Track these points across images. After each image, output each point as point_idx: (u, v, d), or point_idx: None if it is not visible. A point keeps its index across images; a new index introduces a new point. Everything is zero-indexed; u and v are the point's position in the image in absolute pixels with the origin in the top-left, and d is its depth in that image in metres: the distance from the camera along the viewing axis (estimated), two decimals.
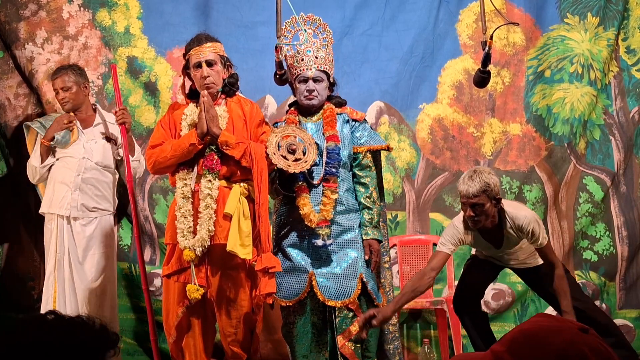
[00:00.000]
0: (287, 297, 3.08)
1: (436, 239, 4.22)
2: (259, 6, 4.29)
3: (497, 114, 4.37)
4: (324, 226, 3.03)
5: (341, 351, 3.03)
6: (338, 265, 3.05)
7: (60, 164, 3.74)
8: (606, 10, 4.32)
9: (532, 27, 4.38)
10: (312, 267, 3.07)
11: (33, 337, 1.24)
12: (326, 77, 3.18)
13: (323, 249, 3.05)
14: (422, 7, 4.35)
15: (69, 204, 3.67)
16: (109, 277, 3.77)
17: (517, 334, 1.28)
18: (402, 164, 4.35)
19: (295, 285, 3.07)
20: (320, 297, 3.02)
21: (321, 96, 3.18)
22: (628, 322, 4.25)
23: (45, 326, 1.28)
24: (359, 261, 3.06)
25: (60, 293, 3.65)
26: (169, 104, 4.19)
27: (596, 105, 4.32)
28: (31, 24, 4.27)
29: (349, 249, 3.07)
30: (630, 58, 4.37)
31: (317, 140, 3.14)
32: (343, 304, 3.00)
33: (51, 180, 3.76)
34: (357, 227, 3.12)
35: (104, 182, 3.78)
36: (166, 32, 4.33)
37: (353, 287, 3.01)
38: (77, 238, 3.69)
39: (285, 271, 3.09)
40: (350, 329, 3.03)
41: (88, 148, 3.74)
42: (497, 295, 4.25)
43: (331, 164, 3.08)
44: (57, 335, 1.26)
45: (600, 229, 4.31)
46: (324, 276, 3.03)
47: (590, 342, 1.22)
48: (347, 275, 3.03)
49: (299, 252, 3.10)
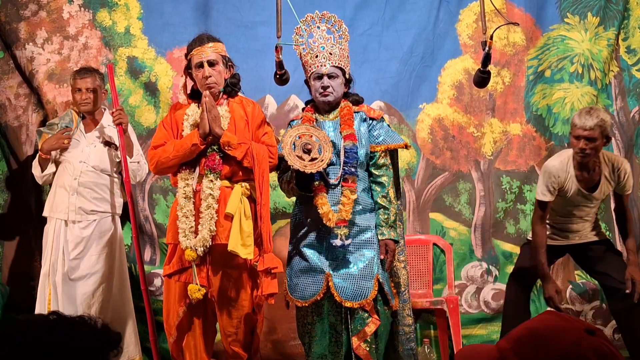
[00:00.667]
0: (303, 297, 3.04)
1: (436, 239, 4.24)
2: (259, 6, 4.28)
3: (497, 114, 4.37)
4: (342, 226, 2.99)
5: (356, 352, 3.01)
6: (355, 265, 3.02)
7: (61, 168, 3.77)
8: (606, 10, 4.32)
9: (532, 27, 4.38)
10: (328, 268, 3.03)
11: (35, 337, 1.24)
12: (341, 73, 3.14)
13: (340, 250, 3.02)
14: (422, 7, 4.35)
15: (68, 208, 3.70)
16: (104, 278, 3.76)
17: (523, 331, 1.25)
18: (402, 164, 4.33)
19: (311, 286, 3.03)
20: (337, 298, 2.98)
21: (337, 92, 3.14)
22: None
23: (47, 326, 1.28)
24: (375, 261, 3.03)
25: (54, 296, 3.65)
26: (170, 104, 4.23)
27: (596, 106, 4.32)
28: (31, 24, 4.27)
29: (366, 249, 3.05)
30: (631, 58, 4.37)
31: (334, 139, 3.11)
32: (360, 304, 2.97)
33: (54, 184, 3.79)
34: (373, 227, 3.09)
35: (102, 184, 3.79)
36: (166, 32, 4.32)
37: (370, 287, 2.99)
38: (74, 240, 3.71)
39: (302, 271, 3.07)
40: (365, 329, 3.01)
41: (86, 152, 3.76)
42: (497, 296, 4.25)
43: (350, 164, 3.04)
44: (59, 335, 1.26)
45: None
46: (341, 277, 3.00)
47: (596, 345, 1.18)
48: (363, 275, 3.00)
49: (315, 253, 3.07)
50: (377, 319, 3.03)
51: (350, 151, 3.05)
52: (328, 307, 3.05)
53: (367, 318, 3.02)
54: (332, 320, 3.07)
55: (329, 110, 3.20)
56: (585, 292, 4.28)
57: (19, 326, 1.28)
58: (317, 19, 3.14)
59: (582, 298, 4.28)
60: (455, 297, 3.98)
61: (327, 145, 3.01)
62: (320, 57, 3.09)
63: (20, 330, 1.27)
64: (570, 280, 4.31)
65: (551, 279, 3.47)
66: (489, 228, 4.31)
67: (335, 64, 3.11)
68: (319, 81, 3.11)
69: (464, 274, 4.30)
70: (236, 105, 3.21)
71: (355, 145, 3.07)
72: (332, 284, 2.99)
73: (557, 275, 4.28)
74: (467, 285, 4.29)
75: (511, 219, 4.33)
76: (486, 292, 4.29)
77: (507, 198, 4.33)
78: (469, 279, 4.30)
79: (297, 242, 3.13)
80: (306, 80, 3.22)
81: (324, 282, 3.01)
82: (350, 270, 3.00)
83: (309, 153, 2.97)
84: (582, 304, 4.26)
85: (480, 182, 4.33)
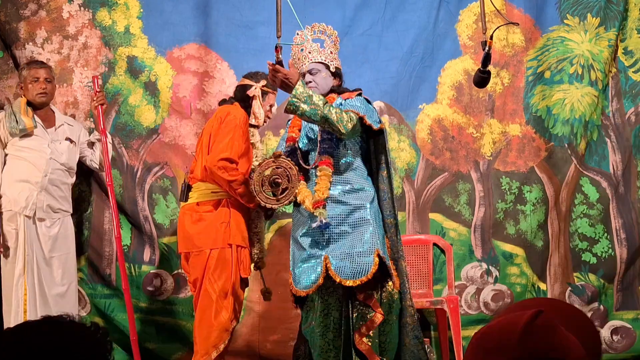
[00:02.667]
0: (306, 286, 3.02)
1: (436, 239, 4.23)
2: (259, 6, 4.28)
3: (497, 114, 4.37)
4: (320, 207, 2.98)
5: (358, 347, 2.99)
6: (352, 244, 3.00)
7: (20, 161, 3.76)
8: (607, 10, 4.32)
9: (531, 27, 4.38)
10: (325, 251, 3.02)
11: (58, 341, 1.23)
12: (324, 67, 3.17)
13: (335, 232, 3.00)
14: (422, 7, 4.35)
15: (34, 204, 3.69)
16: (72, 277, 3.84)
17: (473, 341, 1.23)
18: (401, 164, 4.34)
19: (312, 272, 3.02)
20: (336, 279, 2.95)
21: (320, 86, 3.15)
22: (625, 323, 4.25)
23: (65, 330, 1.26)
24: (375, 237, 3.01)
25: (31, 296, 3.65)
26: (169, 104, 4.24)
27: (597, 106, 4.32)
28: (31, 24, 4.26)
29: (362, 226, 3.03)
30: (628, 59, 4.37)
31: (313, 126, 3.13)
32: (361, 281, 2.93)
33: (8, 176, 3.76)
34: (368, 204, 3.07)
35: (67, 183, 3.87)
36: (166, 31, 4.32)
37: (370, 263, 2.95)
38: (43, 239, 3.73)
39: (302, 261, 3.06)
40: (368, 324, 3.00)
41: (54, 149, 3.78)
42: (496, 296, 4.25)
43: (323, 143, 3.06)
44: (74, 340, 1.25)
45: (599, 231, 4.31)
46: (338, 257, 2.98)
47: (544, 322, 1.15)
48: (362, 252, 2.97)
49: (312, 240, 3.06)
50: (380, 313, 3.01)
51: (324, 132, 3.06)
52: (331, 302, 3.04)
53: (370, 313, 3.00)
54: (335, 315, 3.05)
55: None
56: (584, 294, 4.28)
57: (34, 330, 1.27)
58: (308, 34, 3.17)
59: (582, 300, 4.27)
60: (455, 297, 3.97)
61: (293, 171, 3.01)
62: (302, 58, 3.16)
63: (21, 334, 1.25)
64: (569, 282, 4.31)
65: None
66: (488, 229, 4.31)
67: (315, 59, 3.15)
68: (303, 79, 3.13)
69: (463, 274, 4.29)
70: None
71: None
72: (330, 265, 2.97)
73: (556, 277, 4.28)
74: (467, 285, 4.29)
75: (511, 219, 4.32)
76: (486, 293, 4.29)
77: (506, 199, 4.33)
78: (469, 279, 4.29)
79: (294, 233, 3.14)
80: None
81: (323, 265, 2.99)
82: (348, 250, 2.99)
83: (279, 185, 2.99)
84: (582, 306, 4.25)
85: (479, 183, 4.33)
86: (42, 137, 3.80)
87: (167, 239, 4.28)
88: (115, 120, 4.29)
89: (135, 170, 4.30)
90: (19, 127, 3.71)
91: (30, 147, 3.76)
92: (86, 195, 4.28)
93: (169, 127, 4.32)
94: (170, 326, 4.25)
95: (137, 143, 4.30)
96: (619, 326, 4.23)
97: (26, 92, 3.86)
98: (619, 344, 4.23)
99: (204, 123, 4.30)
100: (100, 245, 4.27)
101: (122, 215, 4.18)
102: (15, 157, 3.78)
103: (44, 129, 3.83)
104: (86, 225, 4.26)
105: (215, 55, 4.33)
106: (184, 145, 4.31)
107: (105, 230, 4.28)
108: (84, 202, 4.27)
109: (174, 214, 4.27)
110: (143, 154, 4.30)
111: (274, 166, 3.05)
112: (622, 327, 4.23)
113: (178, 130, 4.32)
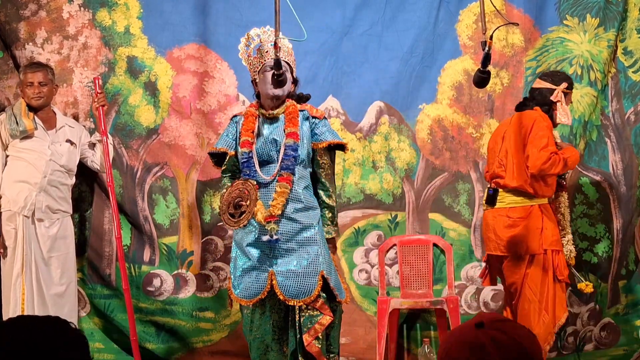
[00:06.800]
0: (247, 296, 3.06)
1: (436, 239, 4.24)
2: (259, 6, 4.27)
3: (496, 114, 4.37)
4: (272, 222, 2.98)
5: (308, 349, 3.01)
6: (298, 263, 3.02)
7: (19, 162, 3.78)
8: (606, 11, 4.32)
9: (531, 28, 4.38)
10: (272, 266, 3.04)
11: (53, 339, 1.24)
12: (289, 69, 3.15)
13: (283, 247, 3.02)
14: (422, 7, 4.35)
15: (33, 205, 3.71)
16: (71, 277, 3.86)
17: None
18: (401, 164, 4.35)
19: (255, 284, 3.05)
20: (280, 297, 3.00)
21: (287, 85, 3.13)
22: (610, 319, 4.27)
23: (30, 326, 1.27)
24: (320, 257, 3.03)
25: (29, 296, 3.66)
26: (169, 104, 4.24)
27: (596, 107, 4.32)
28: (31, 24, 4.26)
29: (309, 246, 3.05)
30: (627, 59, 4.37)
31: (276, 136, 3.11)
32: (304, 302, 2.99)
33: (7, 177, 3.78)
34: (316, 224, 3.10)
35: (66, 184, 3.90)
36: (166, 31, 4.32)
37: (314, 284, 2.99)
38: (42, 239, 3.76)
39: (245, 270, 3.08)
40: (316, 327, 3.02)
41: (54, 150, 3.80)
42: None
43: (287, 159, 3.05)
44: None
45: (600, 231, 4.32)
46: (284, 275, 3.01)
47: (491, 335, 1.28)
48: (307, 273, 3.00)
49: (259, 252, 3.07)
50: (329, 315, 3.05)
51: (289, 148, 3.06)
52: (270, 305, 3.08)
53: (318, 316, 3.03)
54: (275, 318, 3.10)
55: (273, 107, 3.18)
56: (582, 295, 4.27)
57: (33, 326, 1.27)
58: (263, 35, 3.16)
59: (580, 300, 4.28)
60: (455, 297, 3.98)
61: (253, 195, 3.00)
62: (271, 52, 3.06)
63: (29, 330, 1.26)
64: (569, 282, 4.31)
65: None
66: None
67: (285, 58, 3.11)
68: (269, 72, 3.06)
69: (463, 274, 4.29)
70: None
71: (297, 143, 3.08)
72: (276, 282, 3.00)
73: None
74: (466, 285, 4.29)
75: None
76: (486, 293, 4.29)
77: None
78: (469, 279, 4.29)
79: (241, 241, 3.12)
80: (252, 80, 3.22)
81: (268, 280, 3.02)
82: (294, 268, 3.01)
83: (241, 207, 3.00)
84: (580, 306, 4.27)
85: (479, 183, 4.33)
86: (43, 139, 3.82)
87: (167, 239, 4.28)
88: (115, 121, 4.29)
89: (135, 170, 4.30)
90: (19, 129, 3.73)
91: (31, 149, 3.78)
92: (86, 196, 4.29)
93: (168, 127, 4.32)
94: (170, 326, 4.25)
95: (137, 143, 4.30)
96: (606, 323, 4.25)
97: (24, 94, 3.89)
98: (607, 340, 4.26)
99: (204, 123, 4.31)
100: (100, 246, 4.28)
101: (122, 215, 4.17)
102: (15, 158, 3.80)
103: (44, 130, 3.84)
104: (86, 225, 4.27)
105: (215, 55, 4.34)
106: (184, 146, 4.31)
107: (105, 230, 4.28)
108: (84, 202, 4.28)
109: (174, 214, 4.28)
110: (143, 154, 4.30)
111: (242, 188, 3.05)
112: (608, 323, 4.26)
113: (178, 130, 4.32)
